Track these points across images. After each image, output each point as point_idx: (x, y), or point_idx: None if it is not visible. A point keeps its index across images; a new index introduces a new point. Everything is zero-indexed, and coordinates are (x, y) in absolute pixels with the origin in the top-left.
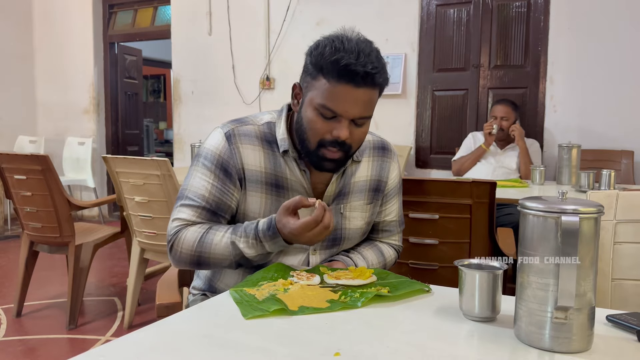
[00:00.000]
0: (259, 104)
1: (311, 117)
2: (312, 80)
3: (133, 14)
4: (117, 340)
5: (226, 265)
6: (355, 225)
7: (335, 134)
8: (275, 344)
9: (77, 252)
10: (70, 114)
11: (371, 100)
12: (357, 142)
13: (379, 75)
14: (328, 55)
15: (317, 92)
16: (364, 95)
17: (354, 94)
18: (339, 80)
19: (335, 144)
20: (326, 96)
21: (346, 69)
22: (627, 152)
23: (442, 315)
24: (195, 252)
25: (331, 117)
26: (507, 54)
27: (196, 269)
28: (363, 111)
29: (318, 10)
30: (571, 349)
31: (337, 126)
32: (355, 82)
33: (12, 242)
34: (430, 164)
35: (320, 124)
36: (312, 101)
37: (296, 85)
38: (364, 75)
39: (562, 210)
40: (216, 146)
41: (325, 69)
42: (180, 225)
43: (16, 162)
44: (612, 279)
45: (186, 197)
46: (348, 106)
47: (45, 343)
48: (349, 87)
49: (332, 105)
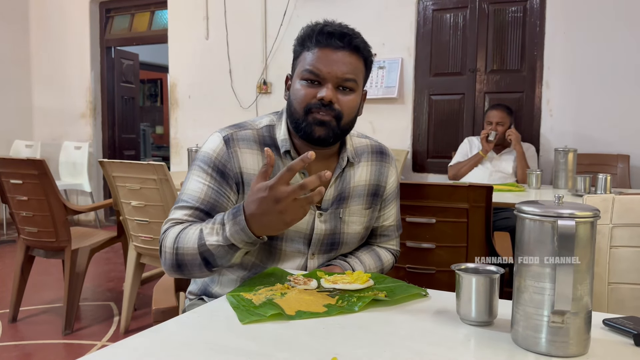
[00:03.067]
0: (256, 108)
1: (298, 87)
2: (297, 59)
3: (130, 19)
4: (114, 346)
5: (197, 266)
6: (353, 230)
7: (319, 95)
8: (272, 349)
9: (73, 257)
10: (66, 118)
11: (352, 63)
12: (346, 110)
13: (356, 37)
14: (307, 29)
15: (301, 64)
16: (344, 57)
17: (333, 55)
18: (317, 45)
19: (322, 106)
20: (308, 61)
21: (322, 31)
22: (623, 156)
23: (439, 320)
24: (173, 250)
25: (316, 83)
26: (504, 58)
27: (179, 274)
28: (345, 72)
29: (315, 14)
30: (568, 353)
31: (321, 89)
32: (333, 43)
33: (7, 247)
34: (427, 168)
35: (305, 89)
36: (298, 73)
37: (287, 76)
38: (341, 35)
39: (559, 215)
40: (214, 149)
41: (306, 41)
42: (170, 225)
43: (12, 167)
44: (608, 283)
45: (181, 199)
46: (329, 66)
47: (41, 348)
48: (328, 50)
49: (313, 68)
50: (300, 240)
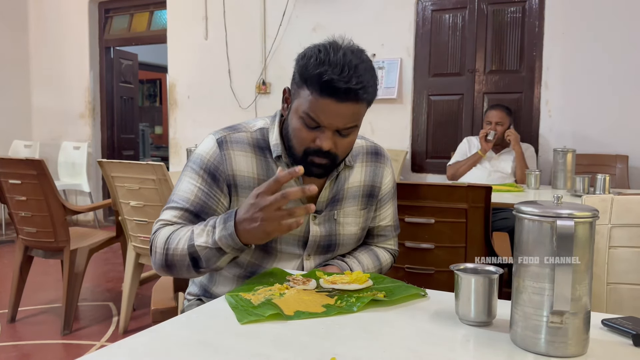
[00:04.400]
0: (255, 108)
1: (296, 125)
2: (298, 89)
3: (129, 19)
4: (112, 346)
5: (185, 267)
6: (349, 231)
7: (317, 144)
8: (271, 349)
9: (72, 257)
10: (65, 118)
11: (355, 113)
12: (343, 152)
13: (362, 91)
14: (312, 68)
15: (302, 101)
16: (347, 110)
17: (336, 109)
18: (321, 94)
19: (320, 153)
20: (309, 107)
21: (328, 85)
22: (621, 157)
23: (438, 320)
24: (163, 250)
25: (315, 127)
26: (502, 59)
27: (168, 273)
28: (347, 123)
29: (314, 15)
30: (567, 353)
31: (320, 136)
32: (338, 97)
33: (6, 247)
34: (425, 169)
35: (304, 132)
36: (298, 110)
37: (286, 90)
38: (346, 91)
39: (557, 215)
40: (207, 151)
41: (309, 81)
42: (160, 226)
43: (11, 167)
44: (607, 283)
45: (172, 200)
46: (331, 119)
47: (39, 349)
48: (331, 102)
49: (315, 116)
50: (295, 243)
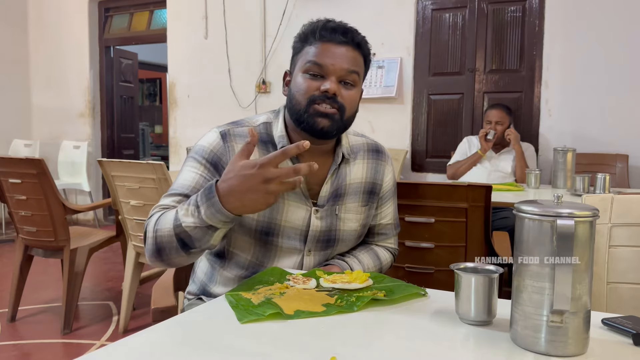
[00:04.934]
0: (255, 107)
1: (300, 80)
2: (298, 54)
3: (129, 18)
4: (112, 345)
5: (174, 249)
6: (349, 227)
7: (323, 88)
8: (271, 349)
9: (72, 256)
10: (65, 117)
11: (355, 58)
12: (349, 104)
13: (357, 34)
14: (309, 25)
15: (303, 57)
16: (347, 52)
17: (336, 50)
18: (321, 39)
19: (325, 98)
20: (311, 54)
21: (325, 27)
22: (621, 156)
23: (438, 319)
24: (154, 233)
25: (318, 74)
26: (503, 58)
27: (159, 260)
28: (348, 65)
29: (314, 14)
30: (567, 352)
31: (325, 82)
32: (336, 39)
33: (6, 246)
34: (426, 168)
35: (309, 82)
36: (300, 67)
37: (286, 72)
38: (344, 31)
39: (558, 214)
40: (210, 142)
41: (308, 36)
42: (156, 211)
43: (11, 166)
44: (607, 283)
45: (172, 188)
46: (332, 59)
47: (39, 348)
48: (331, 45)
49: (318, 59)
50: (296, 237)
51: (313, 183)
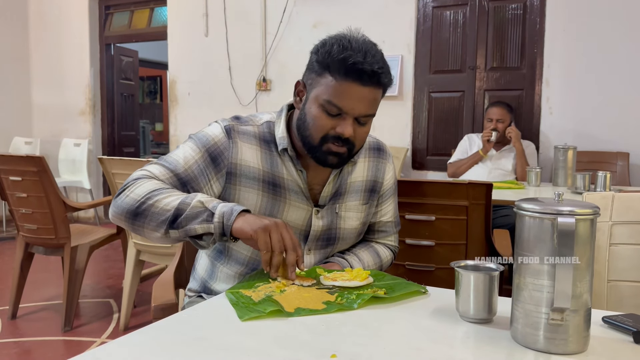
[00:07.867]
0: (256, 105)
1: (316, 113)
2: (318, 77)
3: (129, 15)
4: (113, 342)
5: (159, 221)
6: (350, 226)
7: (339, 130)
8: (272, 346)
9: (72, 254)
10: (66, 115)
11: (375, 99)
12: (360, 141)
13: (384, 75)
14: (336, 53)
15: (322, 88)
16: (370, 94)
17: (360, 92)
18: (346, 78)
19: (339, 139)
20: (332, 93)
21: (354, 67)
22: (622, 154)
23: (439, 317)
24: (143, 198)
25: (336, 114)
26: (503, 56)
27: (129, 222)
28: (368, 109)
29: (314, 12)
30: (567, 350)
31: (341, 123)
32: (362, 80)
33: (7, 244)
34: (426, 166)
35: (324, 120)
36: (318, 98)
37: (299, 82)
38: (371, 74)
39: (558, 212)
40: (215, 134)
41: (332, 66)
42: (146, 175)
43: (11, 164)
44: (608, 281)
45: (164, 159)
46: (354, 103)
47: (40, 345)
48: (355, 85)
49: (338, 102)
50: (297, 237)
51: (315, 183)
